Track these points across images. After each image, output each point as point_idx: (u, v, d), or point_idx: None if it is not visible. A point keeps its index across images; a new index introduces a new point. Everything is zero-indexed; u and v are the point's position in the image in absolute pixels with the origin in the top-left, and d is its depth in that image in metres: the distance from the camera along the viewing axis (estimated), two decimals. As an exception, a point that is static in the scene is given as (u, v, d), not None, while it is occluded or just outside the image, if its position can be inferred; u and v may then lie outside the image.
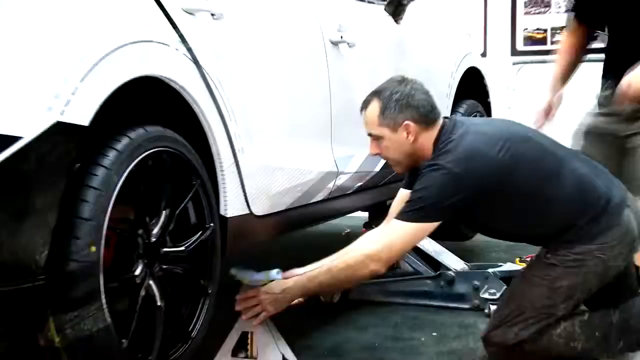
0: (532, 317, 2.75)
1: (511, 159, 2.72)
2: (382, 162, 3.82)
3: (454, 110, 4.49)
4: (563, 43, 3.92)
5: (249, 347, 2.84)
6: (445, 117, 2.94)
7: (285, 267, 2.90)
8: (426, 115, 2.83)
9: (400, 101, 2.80)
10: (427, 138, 2.83)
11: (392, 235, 2.75)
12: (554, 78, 3.88)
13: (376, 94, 2.87)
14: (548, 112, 3.75)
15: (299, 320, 3.43)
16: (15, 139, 2.05)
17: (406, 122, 2.79)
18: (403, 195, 3.01)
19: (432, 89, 4.16)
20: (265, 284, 2.86)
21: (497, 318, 2.88)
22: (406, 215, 2.73)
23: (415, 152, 2.85)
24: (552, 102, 3.76)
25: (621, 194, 2.84)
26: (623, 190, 2.89)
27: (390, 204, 4.37)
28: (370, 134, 2.91)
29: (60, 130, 2.15)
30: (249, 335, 2.83)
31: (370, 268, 2.71)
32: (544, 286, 2.78)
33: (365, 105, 2.89)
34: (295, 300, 2.86)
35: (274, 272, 2.92)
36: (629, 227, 2.79)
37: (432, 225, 2.73)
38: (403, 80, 2.90)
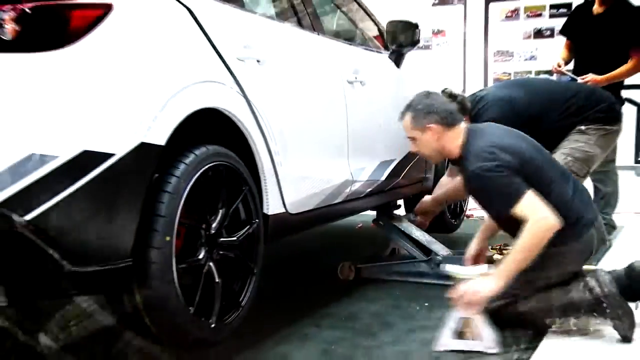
0: (505, 294, 2.73)
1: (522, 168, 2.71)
2: (387, 172, 3.82)
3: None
4: None
5: (469, 330, 2.70)
6: (471, 125, 2.98)
7: (317, 251, 2.88)
8: (445, 118, 2.82)
9: (423, 110, 2.83)
10: (451, 137, 2.83)
11: (533, 210, 2.61)
12: None
13: (408, 106, 2.89)
14: None
15: (323, 293, 3.43)
16: (109, 155, 2.07)
17: (429, 125, 2.81)
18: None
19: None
20: (477, 277, 2.73)
21: None
22: (514, 199, 2.62)
23: (442, 147, 2.85)
24: None
25: (591, 217, 2.82)
26: (594, 213, 2.89)
27: (393, 205, 4.38)
28: (408, 137, 2.93)
29: (143, 149, 2.17)
30: (468, 321, 2.68)
31: (548, 231, 2.60)
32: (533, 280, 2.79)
33: (402, 115, 2.92)
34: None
35: (485, 267, 2.86)
36: (589, 244, 2.81)
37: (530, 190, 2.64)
38: (427, 94, 2.91)
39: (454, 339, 2.67)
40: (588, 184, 3.88)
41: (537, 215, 2.60)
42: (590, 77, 4.30)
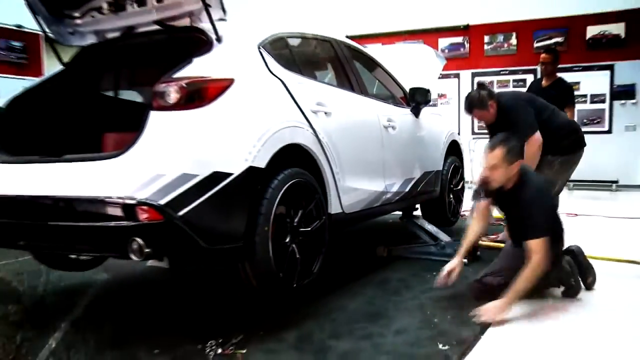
0: (503, 275, 2.54)
1: None
2: (409, 186, 3.72)
3: (444, 161, 4.36)
4: None
5: None
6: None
7: (361, 237, 2.82)
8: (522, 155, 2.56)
9: (516, 148, 2.49)
10: (516, 172, 2.54)
11: (541, 250, 2.35)
12: None
13: (500, 143, 2.50)
14: None
15: (366, 265, 3.38)
16: (230, 174, 2.11)
17: (518, 161, 2.50)
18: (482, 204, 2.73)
19: (435, 150, 4.13)
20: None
21: (489, 269, 2.66)
22: (538, 234, 2.37)
23: (512, 177, 2.53)
24: None
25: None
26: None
27: (413, 208, 4.28)
28: (491, 165, 2.51)
29: (251, 170, 2.19)
30: None
31: (539, 275, 2.37)
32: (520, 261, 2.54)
33: (492, 148, 2.51)
34: None
35: None
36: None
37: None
38: (509, 136, 2.55)
39: None
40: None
41: (539, 256, 2.34)
42: None
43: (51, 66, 8.00)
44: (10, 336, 2.28)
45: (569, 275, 2.67)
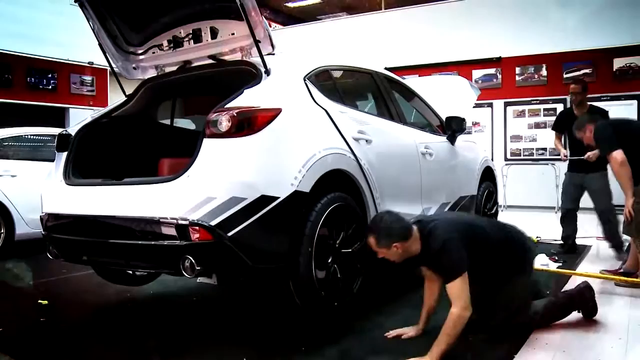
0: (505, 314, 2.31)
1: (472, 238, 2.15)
2: (447, 209, 3.60)
3: (479, 186, 4.21)
4: None
5: None
6: (415, 223, 2.17)
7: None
8: (403, 234, 2.09)
9: (386, 231, 2.08)
10: (410, 244, 2.12)
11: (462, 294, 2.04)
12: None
13: (369, 231, 2.13)
14: None
15: (403, 286, 3.27)
16: (276, 198, 2.09)
17: (394, 244, 2.08)
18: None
19: (469, 176, 4.01)
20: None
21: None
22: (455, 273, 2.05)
23: (406, 254, 2.12)
24: None
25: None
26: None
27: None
28: (376, 252, 2.14)
29: (296, 194, 2.16)
30: None
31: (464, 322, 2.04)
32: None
33: (367, 235, 2.15)
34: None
35: None
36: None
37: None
38: (381, 218, 2.14)
39: None
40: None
41: (460, 305, 2.01)
42: None
43: (114, 97, 8.37)
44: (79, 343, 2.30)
45: (589, 293, 2.51)
